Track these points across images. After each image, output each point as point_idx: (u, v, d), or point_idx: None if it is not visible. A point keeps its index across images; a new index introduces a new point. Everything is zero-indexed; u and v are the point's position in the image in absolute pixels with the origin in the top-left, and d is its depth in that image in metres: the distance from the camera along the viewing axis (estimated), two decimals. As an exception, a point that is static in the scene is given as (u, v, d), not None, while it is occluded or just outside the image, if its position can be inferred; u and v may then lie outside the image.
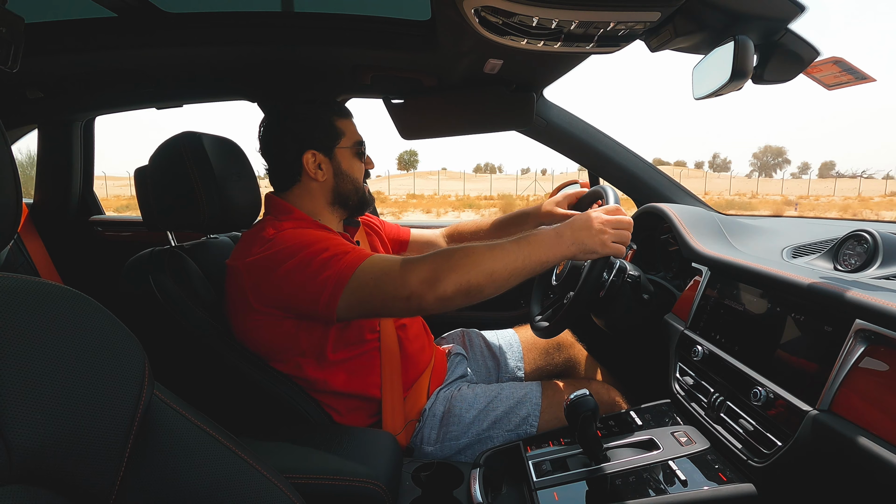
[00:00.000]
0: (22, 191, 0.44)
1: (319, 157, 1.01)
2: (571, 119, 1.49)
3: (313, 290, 0.83)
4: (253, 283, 0.88)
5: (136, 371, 0.42)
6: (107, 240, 1.95)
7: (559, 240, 0.86)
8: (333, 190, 1.04)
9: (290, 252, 0.86)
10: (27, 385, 0.34)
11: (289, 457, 0.78)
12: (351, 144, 1.04)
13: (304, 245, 0.86)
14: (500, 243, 0.84)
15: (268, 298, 0.88)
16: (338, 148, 1.03)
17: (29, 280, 0.38)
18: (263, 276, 0.87)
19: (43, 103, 1.53)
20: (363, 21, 1.13)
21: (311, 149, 1.00)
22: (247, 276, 0.89)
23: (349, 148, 1.04)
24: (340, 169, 1.03)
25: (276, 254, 0.87)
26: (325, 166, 1.02)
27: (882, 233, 0.79)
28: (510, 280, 0.83)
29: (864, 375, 0.61)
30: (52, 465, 0.35)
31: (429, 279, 0.79)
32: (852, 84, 0.81)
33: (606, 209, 0.92)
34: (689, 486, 0.75)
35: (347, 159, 1.04)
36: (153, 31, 1.11)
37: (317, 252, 0.85)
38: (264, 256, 0.87)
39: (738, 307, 0.87)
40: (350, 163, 1.04)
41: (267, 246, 0.88)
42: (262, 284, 0.87)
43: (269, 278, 0.87)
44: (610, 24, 0.81)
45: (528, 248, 0.84)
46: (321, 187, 1.03)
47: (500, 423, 1.03)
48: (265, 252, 0.87)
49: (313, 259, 0.84)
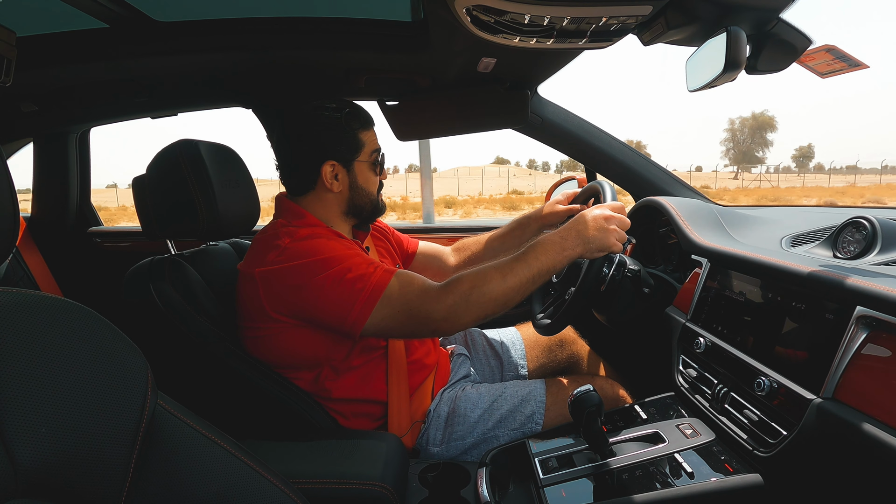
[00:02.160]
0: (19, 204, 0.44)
1: (338, 169, 0.99)
2: (566, 115, 1.49)
3: (341, 308, 0.85)
4: (269, 291, 0.88)
5: (139, 381, 0.42)
6: (106, 251, 1.95)
7: (564, 243, 0.88)
8: (348, 201, 1.03)
9: (311, 268, 0.86)
10: (31, 399, 0.34)
11: (295, 462, 0.78)
12: (369, 157, 1.03)
13: (328, 260, 0.87)
14: (510, 265, 0.87)
15: (286, 308, 0.88)
16: (357, 161, 1.01)
17: (29, 294, 0.38)
18: (282, 286, 0.87)
19: (37, 116, 1.53)
20: (355, 24, 1.13)
21: (332, 160, 0.98)
22: (262, 284, 0.88)
23: (367, 161, 1.03)
24: (357, 182, 1.02)
25: (299, 267, 0.86)
26: (342, 177, 1.00)
27: (881, 219, 0.79)
28: (521, 297, 0.88)
29: (867, 362, 0.61)
30: (57, 479, 0.34)
31: (449, 317, 0.84)
32: (846, 71, 0.81)
33: (610, 206, 0.93)
34: (695, 478, 0.75)
35: (364, 172, 1.03)
36: (145, 41, 1.11)
37: (344, 270, 0.86)
38: (283, 268, 0.87)
39: (739, 298, 0.87)
40: (367, 176, 1.03)
41: (285, 255, 0.88)
42: (281, 294, 0.87)
43: (289, 289, 0.87)
44: (602, 19, 0.81)
45: (537, 262, 0.87)
46: (336, 198, 1.02)
47: (505, 421, 1.03)
48: (284, 263, 0.87)
49: (341, 277, 0.85)
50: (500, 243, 1.29)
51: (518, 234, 1.28)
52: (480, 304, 0.84)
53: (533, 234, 1.26)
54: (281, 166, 1.03)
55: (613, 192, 1.04)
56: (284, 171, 1.02)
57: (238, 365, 0.93)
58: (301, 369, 0.95)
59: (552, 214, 1.23)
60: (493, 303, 0.85)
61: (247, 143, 5.61)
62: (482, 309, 0.85)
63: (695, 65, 0.86)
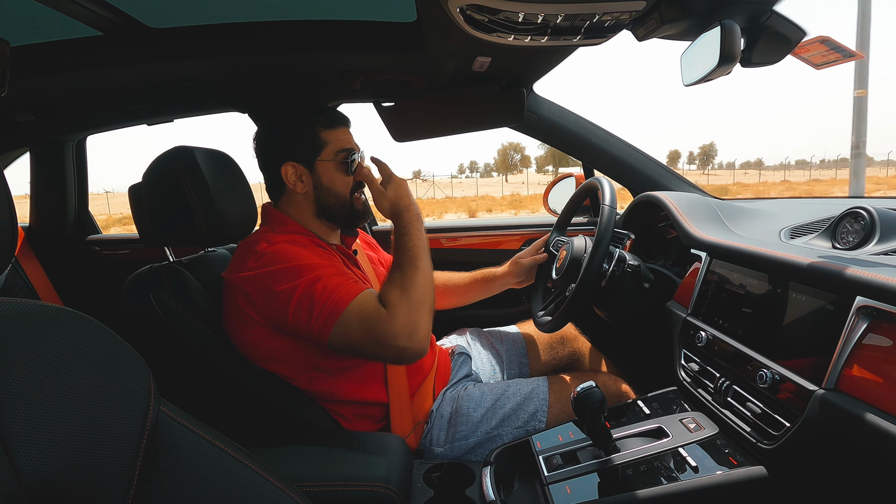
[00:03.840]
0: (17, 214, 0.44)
1: (300, 170, 0.99)
2: (562, 112, 1.49)
3: (306, 321, 0.84)
4: (247, 297, 0.88)
5: (141, 389, 0.42)
6: (104, 259, 1.95)
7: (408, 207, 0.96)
8: (315, 202, 1.02)
9: (283, 274, 0.86)
10: (34, 409, 0.34)
11: (299, 465, 0.78)
12: (335, 156, 1.00)
13: (300, 268, 0.86)
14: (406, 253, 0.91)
15: (261, 314, 0.88)
16: (318, 160, 0.99)
17: (29, 304, 0.38)
18: (258, 292, 0.87)
19: (33, 126, 1.53)
20: (349, 26, 1.13)
21: (291, 161, 0.99)
22: (240, 291, 0.89)
23: (331, 160, 1.00)
24: (321, 182, 1.00)
25: (270, 273, 0.87)
26: (306, 178, 1.00)
27: (879, 209, 0.79)
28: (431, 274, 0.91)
29: (869, 352, 0.61)
30: (61, 488, 0.34)
31: (409, 330, 0.82)
32: (840, 62, 0.81)
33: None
34: (700, 472, 0.75)
35: (330, 172, 1.00)
36: (140, 48, 1.11)
37: (313, 280, 0.85)
38: (257, 274, 0.87)
39: (740, 291, 0.87)
40: (332, 176, 1.00)
41: (261, 262, 0.88)
42: (256, 300, 0.88)
43: (263, 296, 0.87)
44: (596, 16, 0.81)
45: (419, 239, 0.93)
46: (304, 199, 1.02)
47: (508, 420, 1.03)
48: (259, 269, 0.88)
49: (308, 289, 0.84)
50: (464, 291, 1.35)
51: (482, 288, 1.33)
52: (422, 299, 0.85)
53: (497, 290, 1.33)
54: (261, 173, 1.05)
55: (612, 189, 1.05)
56: (264, 178, 1.05)
57: (239, 370, 0.93)
58: (293, 373, 0.95)
59: (516, 266, 1.28)
60: (429, 290, 0.87)
61: (247, 148, 5.56)
62: (427, 303, 0.86)
63: (689, 59, 0.86)
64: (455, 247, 1.77)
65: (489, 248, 1.75)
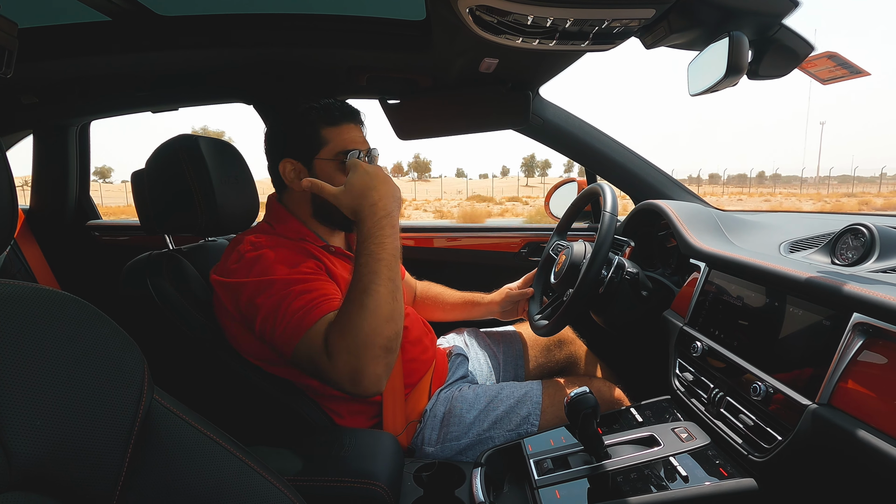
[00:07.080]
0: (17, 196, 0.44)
1: (298, 167, 0.96)
2: (567, 117, 1.49)
3: (269, 336, 0.81)
4: (225, 298, 0.88)
5: (135, 376, 0.42)
6: (104, 244, 1.95)
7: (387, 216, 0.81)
8: (313, 203, 0.99)
9: (254, 287, 0.83)
10: (27, 392, 0.34)
11: (290, 459, 0.78)
12: (334, 156, 0.94)
13: (268, 284, 0.82)
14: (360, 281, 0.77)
15: (237, 317, 0.87)
16: (317, 159, 0.95)
17: (27, 286, 0.38)
18: (230, 300, 0.86)
19: (38, 108, 1.53)
20: (358, 22, 1.13)
21: (289, 157, 0.96)
22: (220, 290, 0.89)
23: (331, 160, 0.94)
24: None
25: (240, 285, 0.84)
26: (303, 177, 0.96)
27: (879, 226, 0.79)
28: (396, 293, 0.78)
29: (863, 368, 0.62)
30: (52, 472, 0.34)
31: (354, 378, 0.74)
32: (847, 78, 0.81)
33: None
34: (690, 481, 0.75)
35: (328, 172, 0.94)
36: (147, 35, 1.11)
37: (277, 302, 0.81)
38: (231, 282, 0.86)
39: (737, 302, 0.87)
40: (331, 176, 0.93)
41: (239, 265, 0.86)
42: (229, 306, 0.87)
43: (234, 304, 0.86)
44: (605, 22, 0.81)
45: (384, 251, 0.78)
46: (302, 198, 0.99)
47: (500, 422, 1.03)
48: (232, 277, 0.86)
49: (273, 308, 0.80)
50: (451, 309, 1.36)
51: (468, 311, 1.34)
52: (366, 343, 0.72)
53: (480, 316, 1.34)
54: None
55: (613, 195, 1.05)
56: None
57: (233, 362, 0.93)
58: (284, 369, 0.94)
59: (505, 297, 1.29)
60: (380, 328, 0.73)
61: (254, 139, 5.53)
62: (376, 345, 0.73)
63: (696, 69, 0.86)
64: (455, 247, 1.77)
65: (489, 248, 1.75)
